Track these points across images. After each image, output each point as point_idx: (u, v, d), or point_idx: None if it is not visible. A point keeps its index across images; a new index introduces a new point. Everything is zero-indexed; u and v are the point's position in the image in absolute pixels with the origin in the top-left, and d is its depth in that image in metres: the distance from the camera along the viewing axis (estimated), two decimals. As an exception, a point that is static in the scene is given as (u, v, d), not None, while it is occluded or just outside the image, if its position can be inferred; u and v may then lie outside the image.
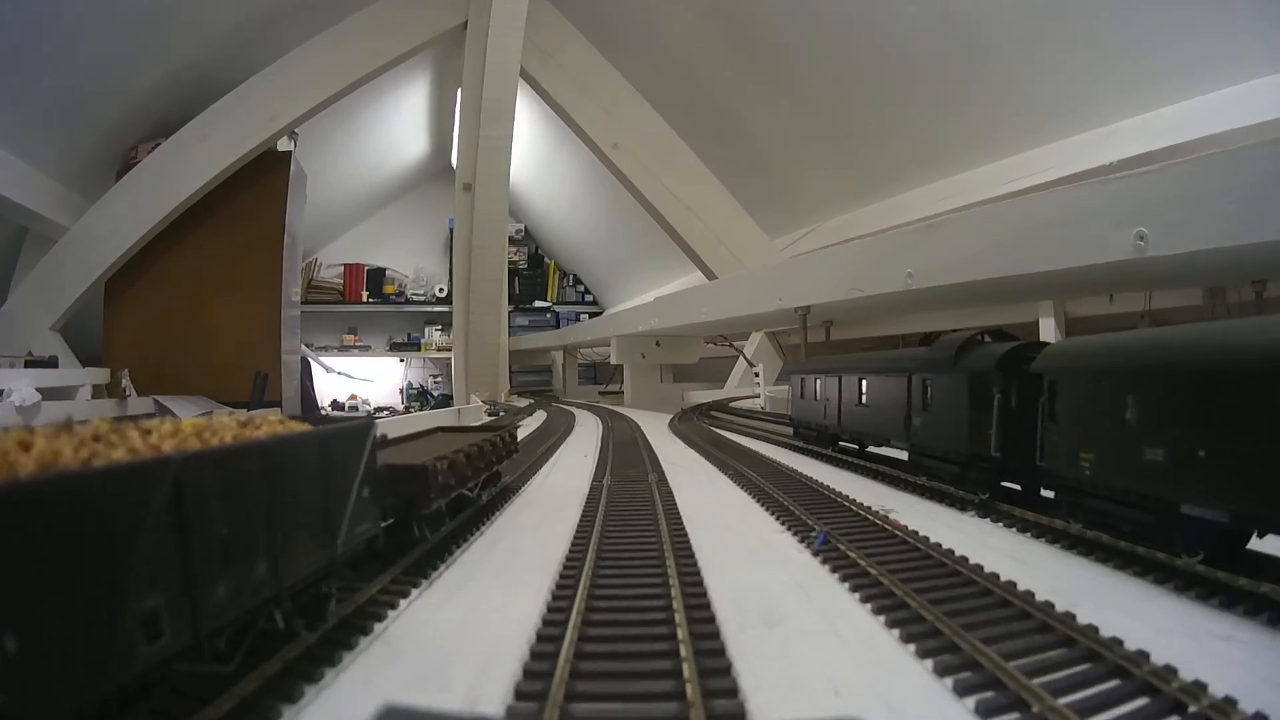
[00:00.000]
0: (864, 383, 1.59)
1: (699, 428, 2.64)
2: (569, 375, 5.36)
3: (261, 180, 5.63)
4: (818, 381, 1.80)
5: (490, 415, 3.25)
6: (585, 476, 1.59)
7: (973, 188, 3.88)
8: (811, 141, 5.15)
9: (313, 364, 7.13)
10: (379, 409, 7.34)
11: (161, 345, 5.46)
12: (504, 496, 1.37)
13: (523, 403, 4.56)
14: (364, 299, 7.90)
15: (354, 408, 7.46)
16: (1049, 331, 3.57)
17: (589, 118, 5.67)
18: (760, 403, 3.76)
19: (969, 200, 3.48)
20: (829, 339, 2.95)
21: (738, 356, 5.43)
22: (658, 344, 3.91)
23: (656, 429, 2.67)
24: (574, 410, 3.59)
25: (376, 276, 7.97)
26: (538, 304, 8.18)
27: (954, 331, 4.36)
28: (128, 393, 5.04)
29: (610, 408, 3.73)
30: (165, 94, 5.30)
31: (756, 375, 3.76)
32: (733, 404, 3.98)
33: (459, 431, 1.47)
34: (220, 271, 5.57)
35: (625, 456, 1.84)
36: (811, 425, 1.88)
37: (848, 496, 1.35)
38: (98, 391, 5.14)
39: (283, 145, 5.88)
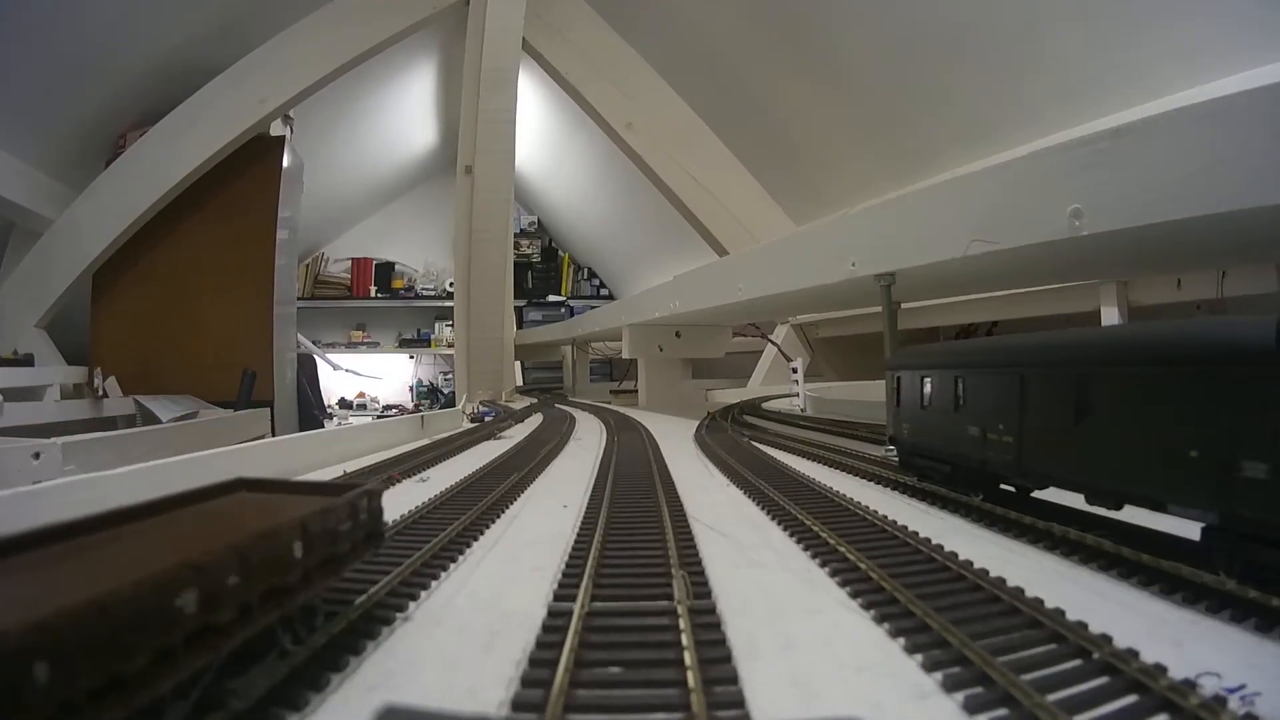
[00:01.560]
0: (1090, 386, 0.76)
1: (738, 444, 1.80)
2: (579, 371, 4.52)
3: (253, 168, 4.90)
4: (961, 382, 0.97)
5: (474, 421, 2.43)
6: (548, 572, 0.76)
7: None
8: (842, 120, 4.30)
9: (319, 361, 6.37)
10: (388, 407, 6.56)
11: (150, 342, 4.77)
12: (331, 659, 0.55)
13: (523, 403, 3.72)
14: (372, 294, 7.12)
15: (362, 405, 6.68)
16: (1113, 323, 2.83)
17: (601, 97, 4.90)
18: (798, 403, 2.93)
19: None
20: (895, 327, 2.11)
21: (762, 349, 4.59)
22: (678, 335, 3.02)
23: (679, 445, 1.84)
24: (577, 414, 2.77)
25: (385, 271, 7.18)
26: (551, 298, 7.37)
27: (993, 325, 3.50)
28: (101, 393, 4.30)
29: (621, 410, 2.88)
30: (155, 78, 4.64)
31: (795, 372, 2.93)
32: (764, 404, 3.15)
33: (280, 493, 0.64)
34: (211, 264, 4.86)
35: (631, 507, 1.01)
36: (942, 455, 1.04)
37: (1118, 645, 0.52)
38: (78, 391, 4.45)
39: (280, 132, 5.15)
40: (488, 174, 4.30)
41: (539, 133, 6.45)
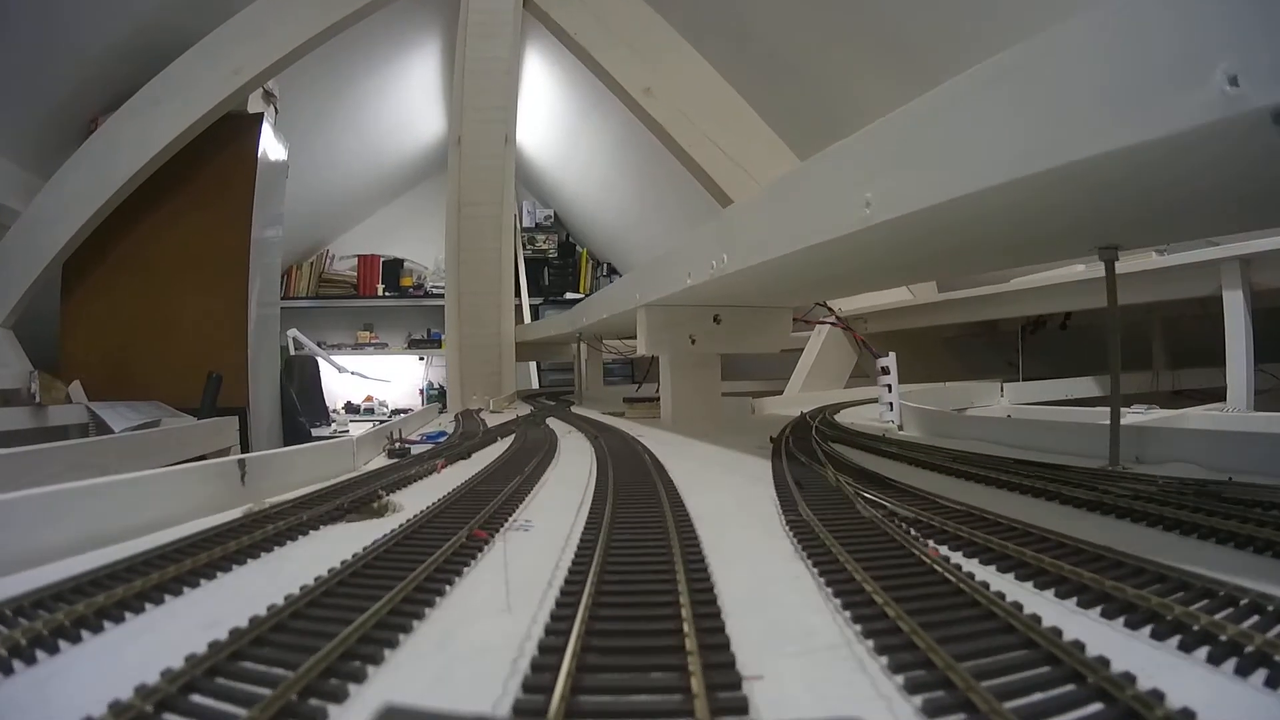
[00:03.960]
0: None
1: (908, 555, 0.54)
2: (589, 372, 3.44)
3: (228, 149, 3.96)
4: None
5: (394, 456, 1.34)
6: None
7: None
8: (893, 88, 3.20)
9: (322, 363, 5.39)
10: (396, 411, 5.57)
11: (121, 342, 3.87)
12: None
13: (505, 414, 2.64)
14: (380, 292, 6.14)
15: (369, 410, 5.70)
16: (1237, 308, 1.90)
17: (616, 61, 3.87)
18: (891, 417, 1.83)
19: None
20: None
21: (800, 346, 3.49)
22: (717, 320, 1.83)
23: (763, 568, 0.55)
24: (567, 440, 1.69)
25: (393, 268, 6.20)
26: (569, 296, 6.34)
27: (1067, 317, 2.11)
28: (37, 398, 3.36)
29: (634, 435, 1.74)
30: (127, 52, 3.77)
31: (885, 373, 1.83)
32: (834, 415, 2.04)
33: None
34: (184, 256, 3.94)
35: None
36: None
37: None
38: (31, 397, 3.53)
39: (259, 109, 4.20)
40: (478, 136, 3.27)
41: (553, 119, 5.42)
